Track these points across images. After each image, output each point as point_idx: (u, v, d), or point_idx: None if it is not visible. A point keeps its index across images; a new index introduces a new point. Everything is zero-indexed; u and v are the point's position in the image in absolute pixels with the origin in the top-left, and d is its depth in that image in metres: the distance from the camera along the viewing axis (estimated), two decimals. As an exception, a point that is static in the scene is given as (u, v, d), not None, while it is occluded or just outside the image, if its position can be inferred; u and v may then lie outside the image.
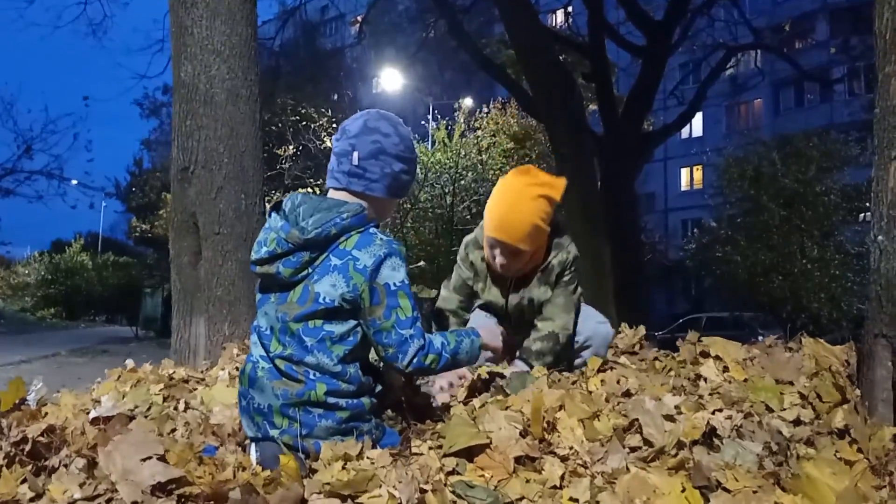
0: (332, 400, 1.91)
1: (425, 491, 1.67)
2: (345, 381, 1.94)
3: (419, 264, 19.90)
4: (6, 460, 1.97)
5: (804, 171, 19.00)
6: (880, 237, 2.11)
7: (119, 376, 2.84)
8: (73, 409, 2.39)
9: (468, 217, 21.55)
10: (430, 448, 1.86)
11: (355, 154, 2.03)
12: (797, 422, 2.08)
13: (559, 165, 8.92)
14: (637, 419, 1.92)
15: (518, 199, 2.59)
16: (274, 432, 1.93)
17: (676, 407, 1.96)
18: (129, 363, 2.96)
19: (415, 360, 1.97)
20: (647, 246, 31.41)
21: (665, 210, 38.12)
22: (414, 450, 1.88)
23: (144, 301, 25.38)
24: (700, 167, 35.45)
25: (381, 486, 1.69)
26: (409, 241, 21.93)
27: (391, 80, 24.41)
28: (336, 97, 24.78)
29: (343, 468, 1.76)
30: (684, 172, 38.69)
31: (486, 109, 22.14)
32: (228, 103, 3.74)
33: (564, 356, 2.67)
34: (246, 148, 3.76)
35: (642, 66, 10.76)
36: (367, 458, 1.80)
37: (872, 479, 1.83)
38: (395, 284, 1.95)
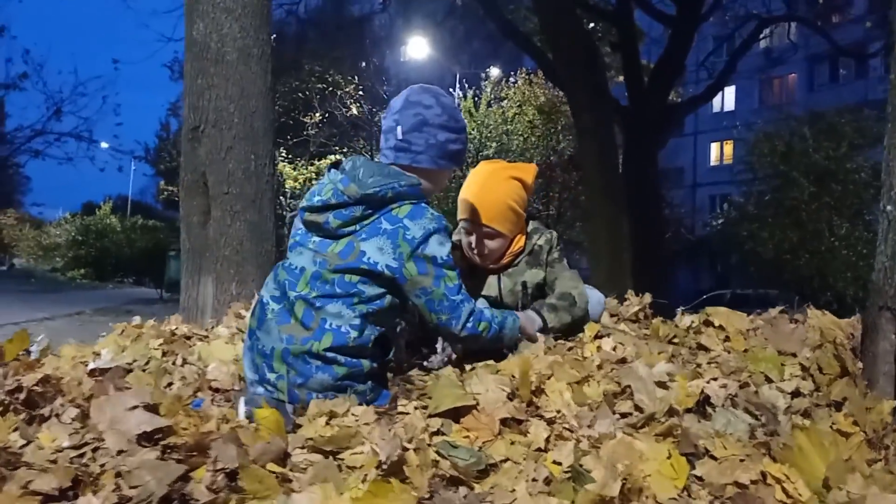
0: (331, 355, 1.94)
1: (407, 449, 1.66)
2: (354, 339, 1.95)
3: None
4: (1, 408, 1.99)
5: (836, 148, 18.61)
6: (889, 207, 2.06)
7: (122, 331, 2.86)
8: (71, 360, 2.41)
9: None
10: (416, 408, 1.85)
11: (399, 129, 2.10)
12: (796, 393, 2.05)
13: (579, 136, 8.80)
14: (629, 385, 1.89)
15: (489, 180, 2.57)
16: (271, 376, 1.96)
17: (670, 374, 1.93)
18: (137, 319, 2.99)
19: (469, 325, 2.05)
20: (673, 221, 31.13)
21: (693, 185, 37.67)
22: (400, 409, 1.88)
23: (169, 263, 25.59)
24: (731, 142, 34.90)
25: (363, 444, 1.68)
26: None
27: (418, 48, 24.25)
28: (364, 64, 24.66)
29: (327, 424, 1.76)
30: (714, 147, 38.17)
31: (512, 79, 21.91)
32: (239, 62, 3.71)
33: (580, 321, 2.50)
34: (256, 108, 3.74)
35: (670, 37, 10.50)
36: (352, 415, 1.79)
37: (868, 452, 1.80)
38: (441, 258, 2.01)
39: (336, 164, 2.13)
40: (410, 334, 2.33)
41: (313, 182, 22.78)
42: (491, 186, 2.55)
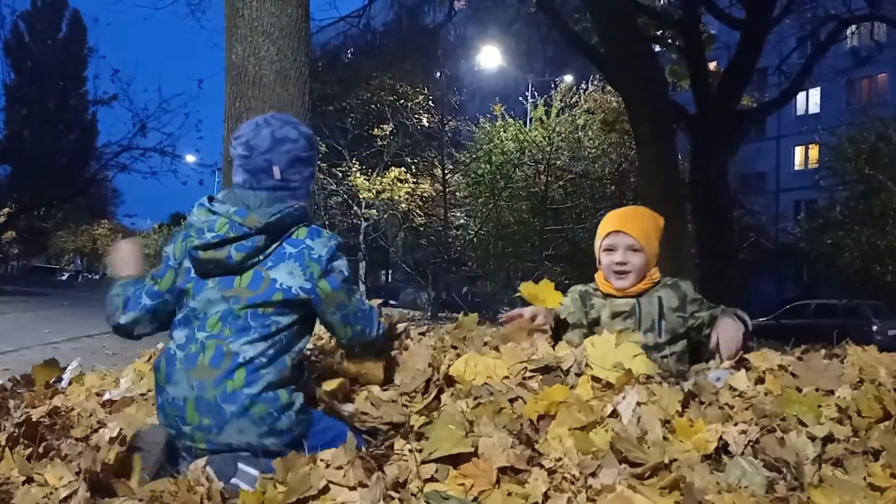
0: (246, 393, 1.85)
1: (393, 499, 1.59)
2: (268, 372, 1.89)
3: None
4: (10, 442, 2.00)
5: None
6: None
7: (150, 357, 2.87)
8: (87, 391, 2.42)
9: (562, 196, 21.23)
10: (412, 450, 1.77)
11: (276, 168, 2.05)
12: (829, 439, 1.88)
13: (637, 147, 8.55)
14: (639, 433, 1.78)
15: (632, 207, 2.97)
16: (186, 429, 1.87)
17: (665, 421, 1.80)
18: (160, 345, 2.99)
19: (380, 327, 2.16)
20: (754, 228, 30.19)
21: (776, 190, 36.43)
22: (396, 450, 1.80)
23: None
24: (816, 146, 33.63)
25: (346, 490, 1.62)
26: (503, 220, 21.83)
27: (490, 57, 24.17)
28: (438, 74, 24.79)
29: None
30: (798, 151, 36.82)
31: (583, 86, 21.64)
32: (277, 85, 3.72)
33: None
34: (294, 130, 3.74)
35: (740, 41, 10.13)
36: (320, 460, 1.71)
37: (905, 509, 1.63)
38: (346, 272, 2.03)
39: (210, 199, 2.07)
40: None
41: (387, 192, 23.02)
42: (637, 210, 2.86)
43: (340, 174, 23.46)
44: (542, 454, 1.78)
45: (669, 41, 11.93)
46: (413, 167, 24.14)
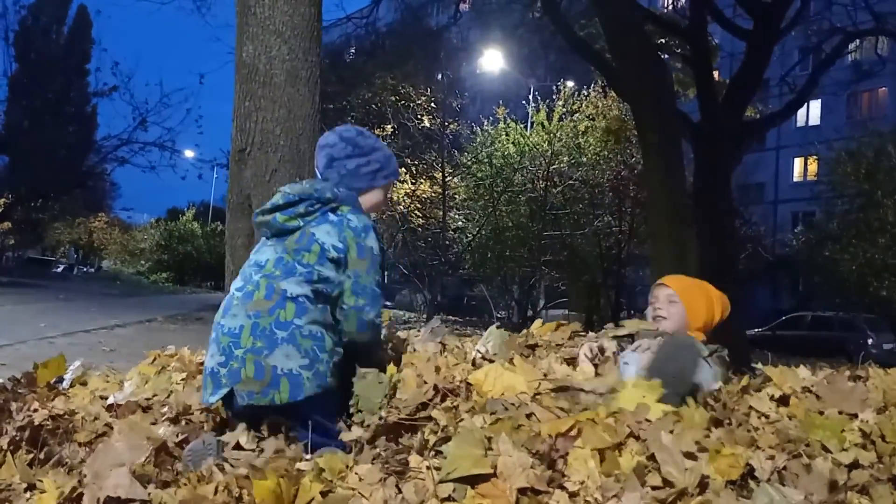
0: (297, 323, 2.13)
1: (411, 519, 1.54)
2: (315, 311, 2.18)
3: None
4: (11, 447, 1.95)
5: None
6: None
7: (154, 359, 2.82)
8: (91, 394, 2.36)
9: (561, 202, 21.16)
10: (429, 468, 1.71)
11: (316, 170, 2.54)
12: (854, 465, 1.83)
13: (644, 155, 8.50)
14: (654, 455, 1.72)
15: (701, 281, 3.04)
16: (238, 352, 2.11)
17: (699, 443, 1.75)
18: (171, 348, 2.94)
19: (377, 319, 2.31)
20: (752, 239, 30.17)
21: (775, 201, 36.44)
22: (413, 467, 1.75)
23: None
24: (815, 158, 33.66)
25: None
26: (501, 224, 21.76)
27: (493, 61, 24.11)
28: (440, 77, 24.67)
29: (325, 481, 1.65)
30: (798, 162, 36.86)
31: (585, 92, 21.57)
32: (287, 84, 3.66)
33: None
34: (303, 130, 3.68)
35: (746, 52, 10.06)
36: (356, 473, 1.67)
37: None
38: (376, 251, 2.31)
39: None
40: None
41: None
42: (698, 281, 3.02)
43: (339, 174, 23.28)
44: (563, 475, 1.73)
45: (675, 50, 11.90)
46: (413, 168, 24.02)
